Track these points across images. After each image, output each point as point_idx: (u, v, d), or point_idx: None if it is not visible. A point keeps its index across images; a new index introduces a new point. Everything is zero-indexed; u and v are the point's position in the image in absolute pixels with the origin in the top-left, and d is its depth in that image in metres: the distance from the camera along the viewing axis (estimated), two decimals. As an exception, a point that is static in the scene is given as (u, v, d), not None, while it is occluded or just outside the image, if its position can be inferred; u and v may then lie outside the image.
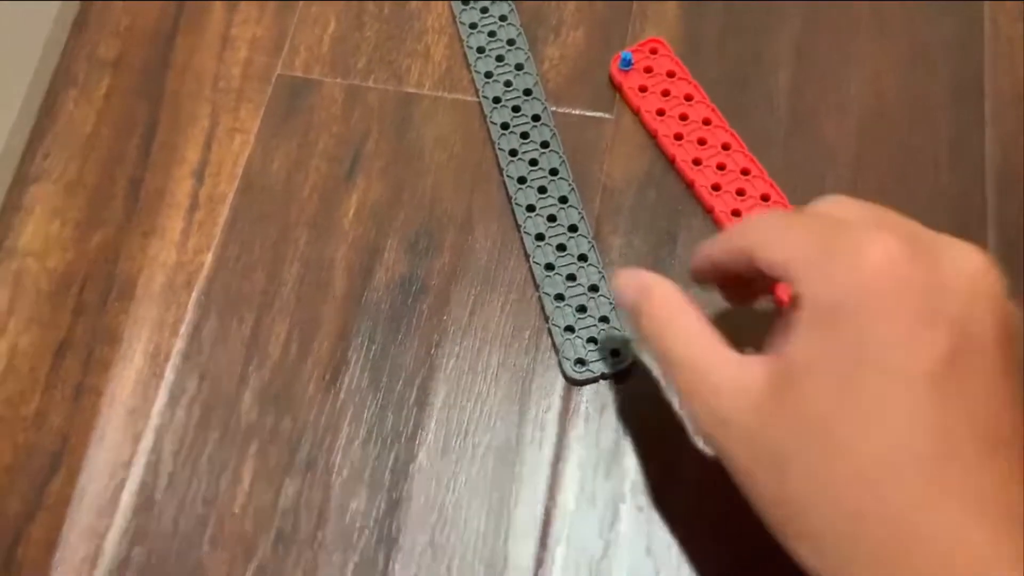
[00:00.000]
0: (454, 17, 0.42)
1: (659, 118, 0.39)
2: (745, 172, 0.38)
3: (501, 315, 0.37)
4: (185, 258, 0.39)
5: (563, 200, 0.38)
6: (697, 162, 0.38)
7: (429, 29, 0.43)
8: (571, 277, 0.37)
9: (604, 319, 0.36)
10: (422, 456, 0.35)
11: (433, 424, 0.35)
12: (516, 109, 0.40)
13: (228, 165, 0.40)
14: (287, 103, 0.41)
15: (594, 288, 0.36)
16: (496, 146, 0.39)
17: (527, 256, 0.37)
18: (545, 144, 0.39)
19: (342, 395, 0.36)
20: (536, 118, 0.39)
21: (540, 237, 0.37)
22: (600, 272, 0.36)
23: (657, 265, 0.37)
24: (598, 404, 0.35)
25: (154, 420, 0.36)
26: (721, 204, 0.37)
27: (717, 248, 0.29)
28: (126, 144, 0.41)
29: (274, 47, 0.43)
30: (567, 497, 0.34)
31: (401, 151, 0.40)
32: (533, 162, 0.39)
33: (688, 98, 0.39)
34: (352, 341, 0.37)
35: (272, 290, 0.38)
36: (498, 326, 0.37)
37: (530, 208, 0.38)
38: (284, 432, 0.35)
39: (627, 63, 0.40)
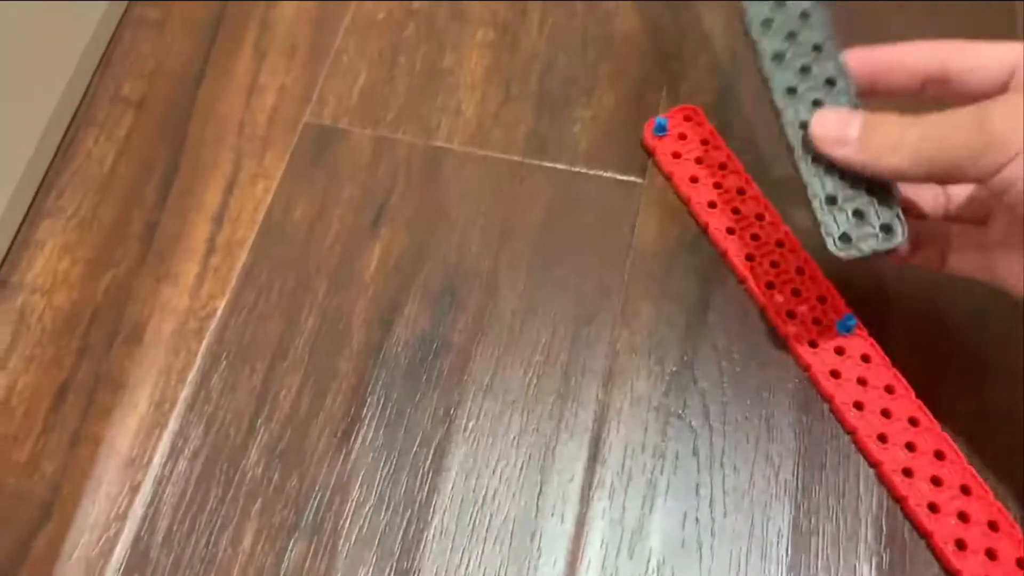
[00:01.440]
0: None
1: (692, 185, 0.38)
2: (780, 244, 0.37)
3: (525, 378, 0.35)
4: (198, 304, 0.37)
5: (829, 81, 0.32)
6: (731, 231, 0.37)
7: (462, 85, 0.42)
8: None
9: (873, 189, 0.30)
10: (436, 523, 0.33)
11: (449, 489, 0.33)
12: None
13: (249, 210, 0.39)
14: (313, 151, 0.41)
15: None
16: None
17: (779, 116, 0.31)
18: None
19: (354, 454, 0.34)
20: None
21: (792, 91, 0.31)
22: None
23: (687, 333, 0.36)
24: (624, 478, 0.33)
25: (154, 471, 0.34)
26: (755, 274, 0.36)
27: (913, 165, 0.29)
28: (144, 186, 0.40)
29: (302, 96, 0.42)
30: (589, 575, 0.32)
31: (428, 205, 0.39)
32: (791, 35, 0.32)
33: (722, 166, 0.39)
34: (367, 398, 0.35)
35: (287, 340, 0.36)
36: (521, 389, 0.35)
37: (791, 91, 0.32)
38: (291, 490, 0.33)
39: (661, 129, 0.39)
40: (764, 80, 0.32)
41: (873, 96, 0.32)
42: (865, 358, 0.34)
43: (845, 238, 0.30)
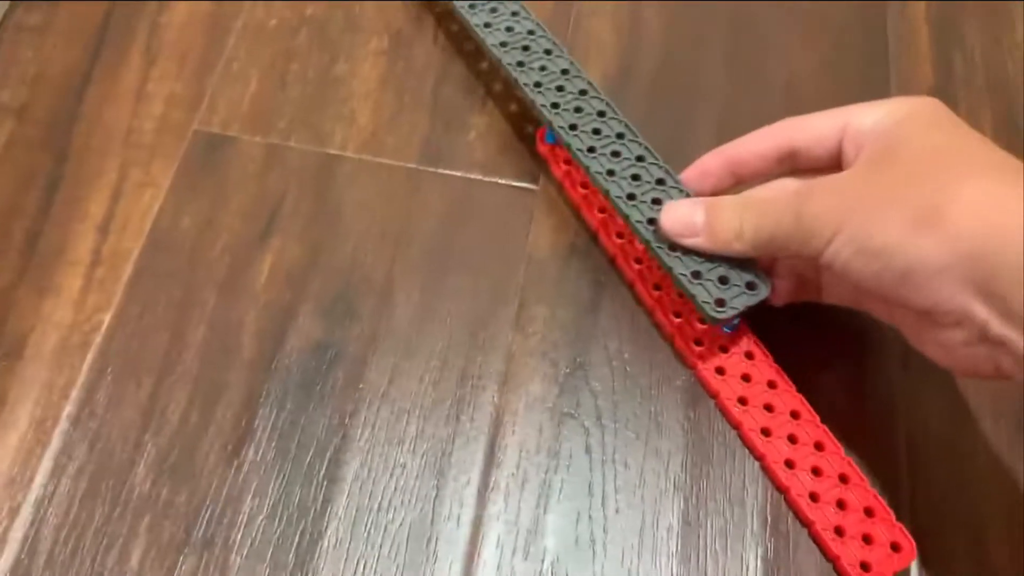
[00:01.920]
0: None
1: (583, 191, 0.39)
2: (640, 159, 0.37)
3: (421, 385, 0.35)
4: (82, 317, 0.36)
5: (640, 160, 0.36)
6: (620, 235, 0.38)
7: (355, 94, 0.42)
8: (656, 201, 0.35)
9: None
10: (331, 533, 0.32)
11: (344, 499, 0.33)
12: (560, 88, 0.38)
13: (135, 220, 0.38)
14: (202, 159, 0.40)
15: None
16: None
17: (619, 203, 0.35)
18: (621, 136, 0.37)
19: (246, 467, 0.33)
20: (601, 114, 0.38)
21: (632, 197, 0.35)
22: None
23: (580, 335, 0.36)
24: (519, 479, 0.34)
25: (35, 492, 0.33)
26: (643, 277, 0.37)
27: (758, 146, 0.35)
28: (26, 196, 0.39)
29: (192, 103, 0.41)
30: (484, 578, 0.32)
31: (321, 213, 0.39)
32: (616, 153, 0.37)
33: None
34: (259, 409, 0.34)
35: (174, 353, 0.35)
36: (417, 396, 0.35)
37: (631, 196, 0.36)
38: (180, 506, 0.33)
39: (553, 137, 0.40)
40: (604, 192, 0.36)
41: (741, 185, 0.35)
42: (749, 355, 0.35)
43: (720, 303, 0.33)
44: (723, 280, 0.34)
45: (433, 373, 0.36)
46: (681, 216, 0.34)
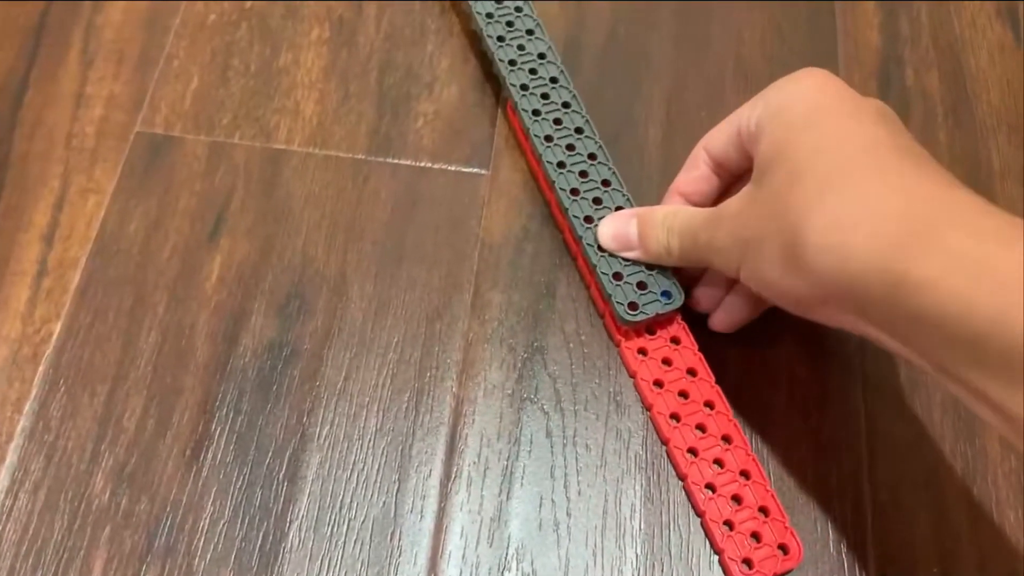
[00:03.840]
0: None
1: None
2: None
3: (379, 378, 0.35)
4: (31, 329, 0.36)
5: (591, 157, 0.37)
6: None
7: (299, 84, 0.41)
8: (596, 200, 0.36)
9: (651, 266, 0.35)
10: (293, 534, 0.32)
11: (305, 499, 0.33)
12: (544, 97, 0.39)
13: (81, 228, 0.38)
14: (146, 161, 0.39)
15: None
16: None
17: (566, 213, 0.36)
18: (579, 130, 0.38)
19: (205, 471, 0.33)
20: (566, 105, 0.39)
21: (575, 192, 0.37)
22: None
23: (536, 319, 0.36)
24: (481, 468, 0.34)
25: (-8, 509, 0.33)
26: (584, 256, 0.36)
27: (688, 168, 0.35)
28: (-35, 207, 0.38)
29: (133, 104, 0.41)
30: (450, 568, 0.32)
31: (269, 210, 0.38)
32: (570, 147, 0.38)
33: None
34: (216, 413, 0.34)
35: (127, 360, 0.35)
36: (376, 389, 0.35)
37: (560, 164, 0.37)
38: (141, 514, 0.32)
39: None
40: (550, 183, 0.37)
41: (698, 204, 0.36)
42: (675, 340, 0.35)
43: (633, 306, 0.34)
44: (641, 285, 0.35)
45: (390, 366, 0.35)
46: (617, 230, 0.35)
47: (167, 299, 0.36)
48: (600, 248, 0.35)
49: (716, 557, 0.32)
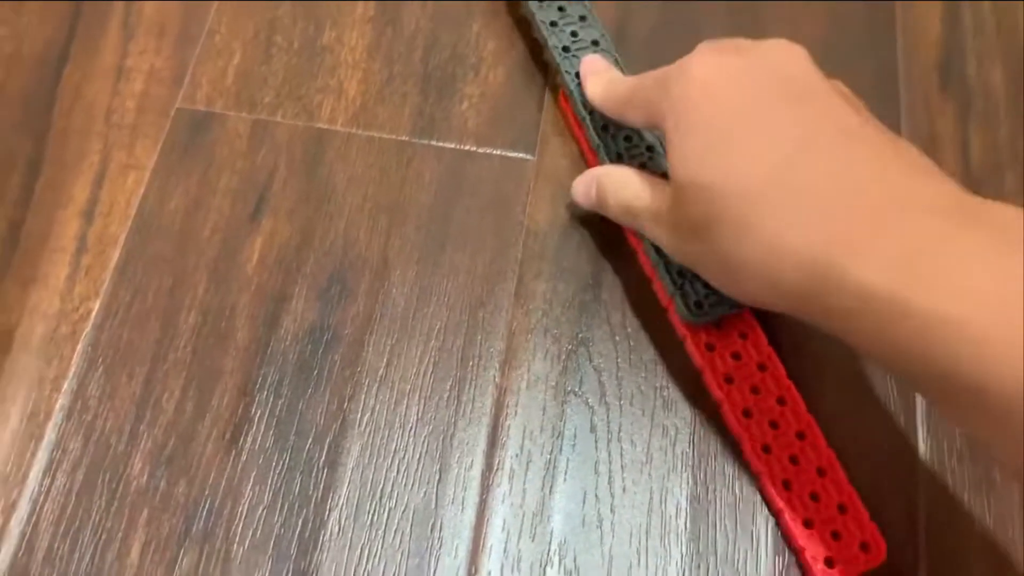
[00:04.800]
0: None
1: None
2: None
3: (420, 365, 0.35)
4: (70, 306, 0.35)
5: (649, 149, 0.36)
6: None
7: (343, 63, 0.40)
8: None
9: None
10: (333, 522, 0.32)
11: (345, 486, 0.32)
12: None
13: (121, 204, 0.37)
14: (187, 138, 0.39)
15: None
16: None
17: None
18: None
19: (244, 456, 0.33)
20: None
21: (620, 158, 0.36)
22: None
23: (582, 310, 0.36)
24: (523, 461, 0.33)
25: (31, 488, 0.32)
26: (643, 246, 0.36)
27: (601, 105, 0.35)
28: (5, 183, 0.38)
29: (174, 79, 0.40)
30: (490, 562, 0.31)
31: (311, 191, 0.38)
32: (627, 138, 0.37)
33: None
34: (256, 396, 0.34)
35: (166, 341, 0.34)
36: (417, 377, 0.34)
37: (619, 157, 0.36)
38: (179, 497, 0.32)
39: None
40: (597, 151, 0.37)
41: None
42: (743, 335, 0.34)
43: (699, 305, 0.33)
44: (708, 284, 0.33)
45: (432, 354, 0.35)
46: (582, 191, 0.36)
47: (207, 279, 0.36)
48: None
49: (772, 556, 0.31)
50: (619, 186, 0.34)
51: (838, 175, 0.26)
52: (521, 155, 0.39)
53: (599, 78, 0.35)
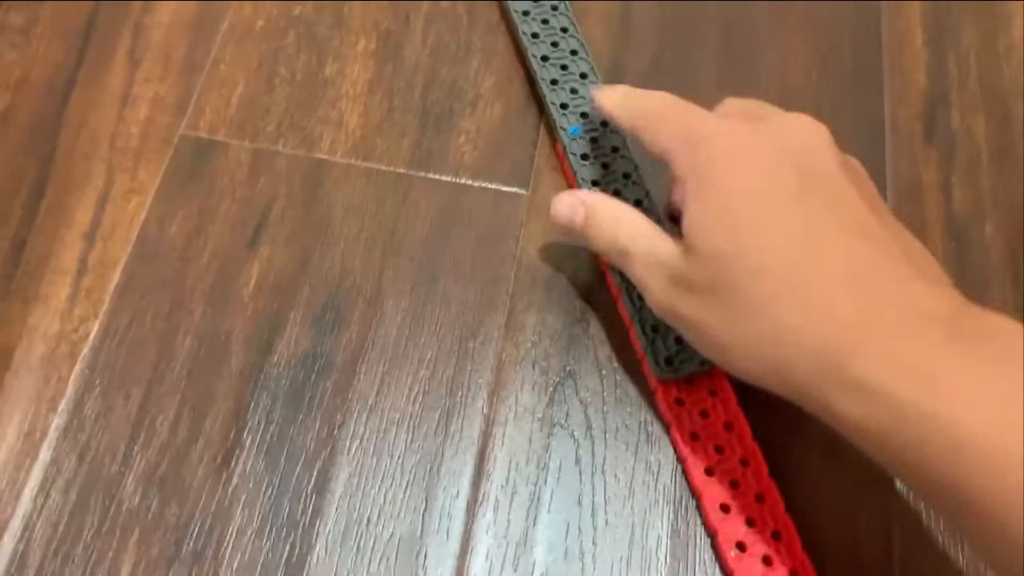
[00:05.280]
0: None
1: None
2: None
3: (410, 394, 0.35)
4: (69, 327, 0.36)
5: (626, 176, 0.38)
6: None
7: (344, 96, 0.41)
8: None
9: None
10: (320, 547, 0.32)
11: (333, 512, 0.33)
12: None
13: (122, 228, 0.38)
14: (189, 165, 0.39)
15: None
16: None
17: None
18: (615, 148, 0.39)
19: (235, 479, 0.33)
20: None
21: None
22: None
23: (570, 344, 0.36)
24: (508, 492, 0.34)
25: (24, 505, 0.33)
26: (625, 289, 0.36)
27: (616, 112, 0.35)
28: (10, 204, 0.38)
29: (178, 107, 0.41)
30: (474, 590, 0.32)
31: (309, 220, 0.39)
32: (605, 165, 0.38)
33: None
34: (248, 421, 0.34)
35: (163, 364, 0.35)
36: (407, 406, 0.35)
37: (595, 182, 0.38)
38: (170, 519, 0.33)
39: (577, 130, 0.39)
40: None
41: None
42: (713, 392, 0.34)
43: (668, 361, 0.34)
44: (678, 340, 0.34)
45: (422, 383, 0.36)
46: (564, 208, 0.35)
47: (204, 305, 0.36)
48: (640, 298, 0.35)
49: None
50: (614, 222, 0.33)
51: (845, 270, 0.27)
52: (515, 190, 0.40)
53: (616, 89, 0.35)
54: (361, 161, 0.40)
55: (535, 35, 0.41)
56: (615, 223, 0.33)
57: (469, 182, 0.40)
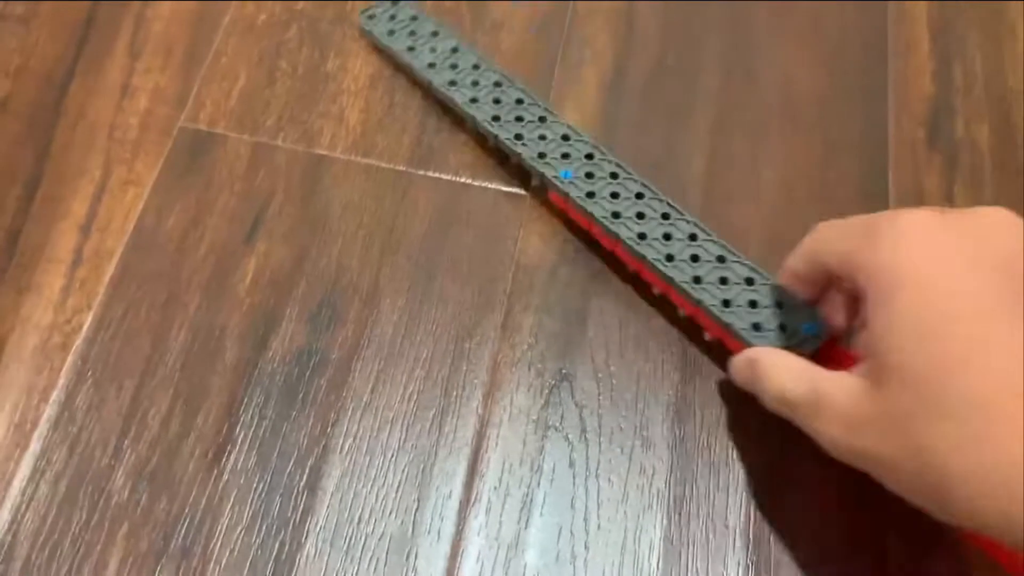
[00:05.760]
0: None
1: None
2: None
3: (405, 393, 0.35)
4: (63, 318, 0.36)
5: (639, 196, 0.36)
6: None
7: (345, 91, 0.41)
8: (695, 258, 0.35)
9: (749, 280, 0.34)
10: (310, 545, 0.32)
11: (324, 510, 0.33)
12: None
13: (118, 219, 0.38)
14: (187, 157, 0.39)
15: (721, 259, 0.35)
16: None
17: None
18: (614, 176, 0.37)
19: (226, 475, 0.33)
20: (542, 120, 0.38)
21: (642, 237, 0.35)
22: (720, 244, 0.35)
23: (567, 346, 0.36)
24: (501, 493, 0.33)
25: (13, 496, 0.33)
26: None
27: (796, 258, 0.32)
28: (6, 193, 0.38)
29: (178, 99, 0.41)
30: (464, 592, 0.32)
31: (307, 215, 0.38)
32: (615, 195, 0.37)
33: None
34: (240, 417, 0.34)
35: (156, 357, 0.35)
36: (401, 405, 0.35)
37: (615, 215, 0.36)
38: (159, 514, 0.32)
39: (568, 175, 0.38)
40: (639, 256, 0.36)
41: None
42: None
43: (756, 327, 0.33)
44: (753, 304, 0.34)
45: (417, 382, 0.35)
46: (741, 366, 0.32)
47: (199, 298, 0.36)
48: (696, 281, 0.34)
49: (734, 603, 0.32)
50: (773, 371, 0.30)
51: None
52: (515, 190, 0.39)
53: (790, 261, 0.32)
54: (361, 157, 0.40)
55: (474, 100, 0.39)
56: (775, 372, 0.30)
57: (469, 181, 0.39)
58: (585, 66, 0.42)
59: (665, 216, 0.36)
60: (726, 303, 0.34)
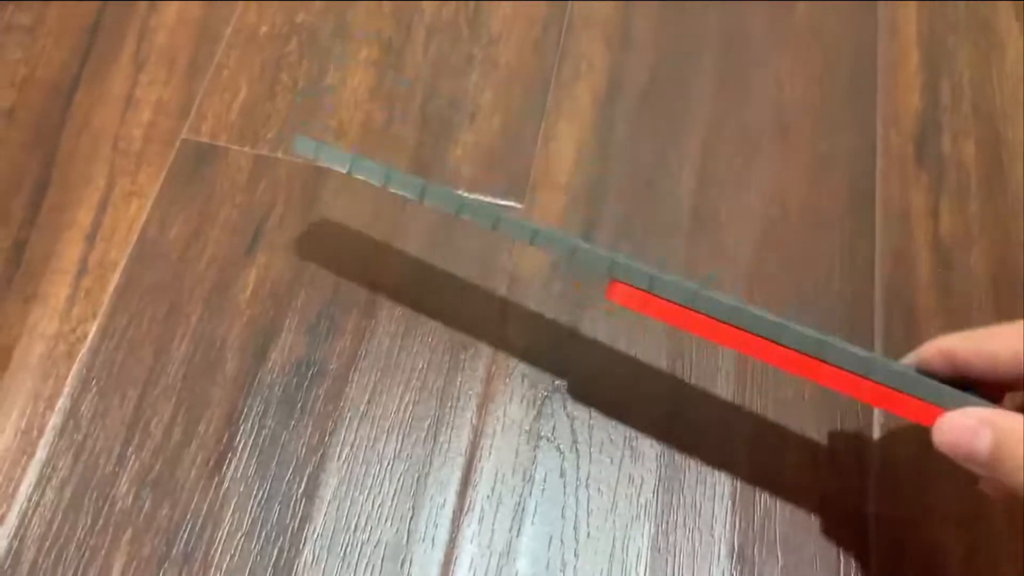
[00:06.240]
0: None
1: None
2: None
3: (401, 403, 0.36)
4: (68, 327, 0.37)
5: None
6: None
7: (344, 104, 0.42)
8: None
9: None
10: (308, 551, 0.33)
11: (322, 517, 0.34)
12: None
13: (122, 230, 0.39)
14: (190, 169, 0.40)
15: None
16: None
17: None
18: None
19: (226, 483, 0.34)
20: None
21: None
22: None
23: (560, 358, 0.37)
24: (494, 502, 0.34)
25: (19, 502, 0.34)
26: None
27: (961, 348, 0.29)
28: (12, 202, 0.39)
29: (180, 111, 0.41)
30: (457, 598, 0.33)
31: (307, 228, 0.39)
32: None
33: None
34: (241, 425, 0.35)
35: (159, 367, 0.36)
36: (397, 414, 0.36)
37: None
38: (162, 520, 0.33)
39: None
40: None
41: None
42: None
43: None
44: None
45: (413, 393, 0.36)
46: (961, 432, 0.28)
47: (201, 309, 0.37)
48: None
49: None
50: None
51: None
52: (511, 203, 0.40)
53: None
54: (359, 170, 0.40)
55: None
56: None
57: (465, 194, 0.40)
58: (580, 79, 0.43)
59: None
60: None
